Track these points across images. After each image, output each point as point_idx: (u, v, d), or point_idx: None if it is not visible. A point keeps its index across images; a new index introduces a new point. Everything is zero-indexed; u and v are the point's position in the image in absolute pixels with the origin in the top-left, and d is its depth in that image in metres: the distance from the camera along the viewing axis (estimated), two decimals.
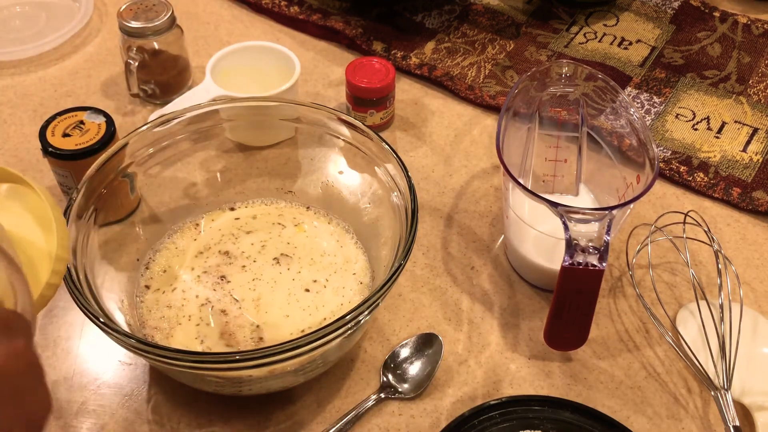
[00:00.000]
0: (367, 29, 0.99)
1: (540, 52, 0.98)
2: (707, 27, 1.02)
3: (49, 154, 0.73)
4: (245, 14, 1.04)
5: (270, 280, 0.68)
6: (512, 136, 0.72)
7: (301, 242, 0.71)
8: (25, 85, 0.92)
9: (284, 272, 0.69)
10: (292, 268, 0.69)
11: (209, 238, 0.72)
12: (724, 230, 0.79)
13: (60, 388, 0.65)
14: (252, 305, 0.66)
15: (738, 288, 0.72)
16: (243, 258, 0.70)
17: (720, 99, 0.92)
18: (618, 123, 0.72)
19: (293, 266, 0.69)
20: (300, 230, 0.72)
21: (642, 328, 0.71)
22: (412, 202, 0.63)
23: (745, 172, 0.83)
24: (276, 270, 0.69)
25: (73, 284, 0.57)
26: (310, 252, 0.70)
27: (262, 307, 0.66)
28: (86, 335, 0.69)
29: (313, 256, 0.70)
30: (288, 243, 0.71)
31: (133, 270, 0.68)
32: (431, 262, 0.75)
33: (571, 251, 0.59)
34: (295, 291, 0.67)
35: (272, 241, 0.71)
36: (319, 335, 0.54)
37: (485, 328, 0.70)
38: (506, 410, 0.62)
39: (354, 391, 0.65)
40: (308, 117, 0.71)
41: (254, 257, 0.70)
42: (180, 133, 0.70)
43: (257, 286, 0.67)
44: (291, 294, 0.67)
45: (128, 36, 0.85)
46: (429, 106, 0.91)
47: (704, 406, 0.65)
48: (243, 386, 0.61)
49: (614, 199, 0.71)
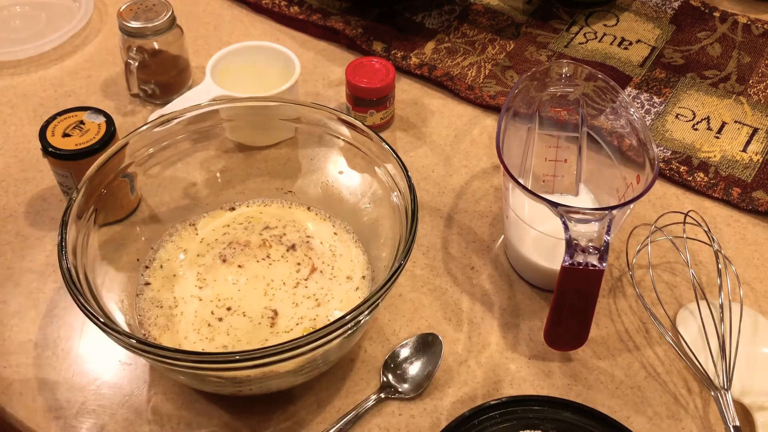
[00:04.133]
0: (367, 29, 0.99)
1: (540, 52, 0.98)
2: (707, 27, 1.02)
3: (49, 154, 0.73)
4: (245, 14, 1.04)
5: (270, 279, 0.68)
6: (512, 136, 0.72)
7: (301, 242, 0.71)
8: (25, 85, 0.92)
9: (284, 272, 0.69)
10: (292, 268, 0.69)
11: (209, 238, 0.72)
12: (724, 230, 0.79)
13: (60, 388, 0.65)
14: (252, 305, 0.66)
15: (738, 288, 0.72)
16: (243, 258, 0.70)
17: (720, 99, 0.92)
18: (618, 123, 0.72)
19: (293, 266, 0.69)
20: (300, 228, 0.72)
21: (642, 328, 0.71)
22: (412, 202, 0.62)
23: (745, 172, 0.83)
24: (276, 270, 0.69)
25: (73, 284, 0.57)
26: (311, 252, 0.70)
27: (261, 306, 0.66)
28: (86, 335, 0.69)
29: (313, 256, 0.70)
30: (288, 243, 0.71)
31: (133, 270, 0.68)
32: (431, 262, 0.75)
33: (571, 251, 0.59)
34: (295, 291, 0.67)
35: (272, 242, 0.71)
36: (319, 335, 0.54)
37: (485, 328, 0.70)
38: (506, 410, 0.62)
39: (354, 391, 0.65)
40: (308, 117, 0.71)
41: (254, 257, 0.70)
42: (180, 133, 0.70)
43: (257, 286, 0.67)
44: (291, 293, 0.67)
45: (128, 36, 0.85)
46: (429, 106, 0.91)
47: (704, 406, 0.65)
48: (243, 386, 0.61)
49: (614, 199, 0.71)
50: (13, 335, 0.69)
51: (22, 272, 0.73)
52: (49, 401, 0.64)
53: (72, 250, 0.59)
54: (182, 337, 0.64)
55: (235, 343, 0.64)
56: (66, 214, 0.60)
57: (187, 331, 0.64)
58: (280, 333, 0.64)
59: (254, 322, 0.65)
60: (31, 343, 0.68)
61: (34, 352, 0.67)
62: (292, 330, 0.65)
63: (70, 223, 0.60)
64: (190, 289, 0.67)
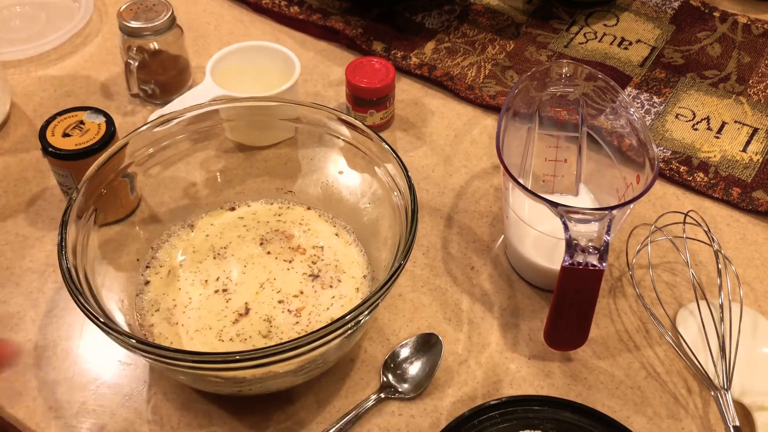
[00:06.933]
0: (367, 29, 0.99)
1: (540, 52, 0.98)
2: (707, 27, 1.02)
3: (49, 154, 0.73)
4: (245, 14, 1.04)
5: (270, 279, 0.68)
6: (512, 136, 0.72)
7: (301, 242, 0.71)
8: (25, 85, 0.92)
9: (284, 272, 0.69)
10: (292, 268, 0.69)
11: (209, 238, 0.72)
12: (724, 230, 0.79)
13: (60, 388, 0.65)
14: (252, 304, 0.66)
15: (738, 288, 0.72)
16: (243, 258, 0.70)
17: (720, 99, 0.92)
18: (618, 123, 0.72)
19: (293, 266, 0.69)
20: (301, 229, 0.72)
21: (642, 328, 0.71)
22: (412, 202, 0.62)
23: (745, 172, 0.83)
24: (275, 270, 0.69)
25: (73, 284, 0.57)
26: (311, 252, 0.70)
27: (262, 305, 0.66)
28: (86, 335, 0.69)
29: (313, 256, 0.70)
30: (288, 243, 0.71)
31: (133, 270, 0.68)
32: (431, 262, 0.75)
33: (571, 251, 0.59)
34: (296, 290, 0.67)
35: (272, 241, 0.71)
36: (319, 335, 0.54)
37: (485, 328, 0.70)
38: (506, 410, 0.62)
39: (354, 391, 0.65)
40: (308, 117, 0.71)
41: (254, 257, 0.70)
42: (180, 133, 0.70)
43: (257, 286, 0.67)
44: (291, 293, 0.67)
45: (128, 36, 0.85)
46: (429, 106, 0.91)
47: (704, 406, 0.65)
48: (243, 386, 0.61)
49: (614, 199, 0.71)
50: (13, 335, 0.69)
51: (22, 272, 0.73)
52: (49, 401, 0.64)
53: (72, 250, 0.59)
54: (182, 337, 0.64)
55: (236, 342, 0.64)
56: (66, 214, 0.60)
57: (188, 330, 0.64)
58: (280, 333, 0.64)
59: (254, 322, 0.65)
60: (31, 343, 0.68)
61: (34, 352, 0.67)
62: (292, 329, 0.65)
63: (70, 223, 0.60)
64: (190, 288, 0.67)
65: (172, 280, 0.68)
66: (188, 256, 0.70)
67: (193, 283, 0.68)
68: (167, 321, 0.65)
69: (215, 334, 0.64)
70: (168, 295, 0.67)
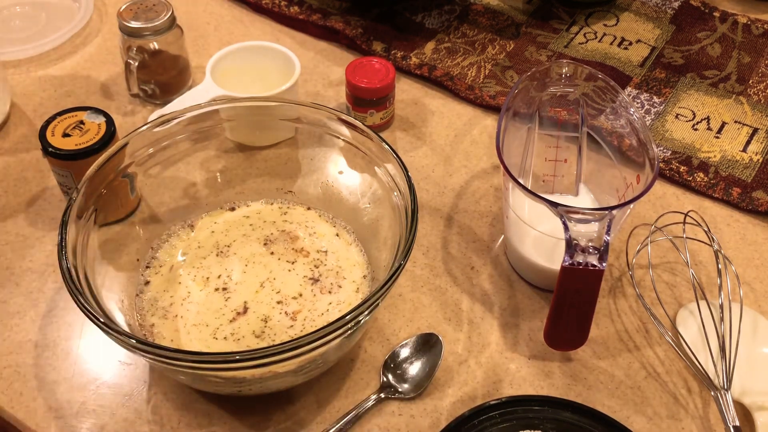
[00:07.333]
0: (367, 29, 0.99)
1: (540, 52, 0.98)
2: (707, 27, 1.02)
3: (49, 154, 0.73)
4: (245, 14, 1.04)
5: (270, 279, 0.68)
6: (512, 136, 0.72)
7: (305, 245, 0.71)
8: (25, 85, 0.92)
9: (285, 273, 0.69)
10: (292, 268, 0.69)
11: (209, 238, 0.72)
12: (724, 230, 0.79)
13: (60, 388, 0.65)
14: (252, 304, 0.66)
15: (738, 288, 0.72)
16: (243, 258, 0.70)
17: (720, 99, 0.92)
18: (618, 123, 0.72)
19: (293, 266, 0.69)
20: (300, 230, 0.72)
21: (642, 328, 0.71)
22: (412, 202, 0.62)
23: (745, 172, 0.83)
24: (276, 270, 0.69)
25: (73, 284, 0.57)
26: (311, 252, 0.70)
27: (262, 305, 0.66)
28: (86, 335, 0.69)
29: (313, 257, 0.70)
30: (293, 244, 0.71)
31: (133, 270, 0.68)
32: (431, 262, 0.75)
33: (571, 251, 0.59)
34: (295, 292, 0.67)
35: (272, 241, 0.71)
36: (319, 335, 0.54)
37: (485, 328, 0.70)
38: (506, 410, 0.62)
39: (354, 391, 0.65)
40: (308, 117, 0.71)
41: (257, 256, 0.70)
42: (180, 133, 0.70)
43: (257, 285, 0.67)
44: (290, 295, 0.67)
45: (128, 36, 0.85)
46: (429, 106, 0.91)
47: (704, 406, 0.65)
48: (243, 386, 0.61)
49: (614, 199, 0.71)
50: (13, 335, 0.69)
51: (22, 272, 0.73)
52: (49, 401, 0.64)
53: (72, 250, 0.59)
54: (182, 337, 0.64)
55: (229, 341, 0.64)
56: (66, 214, 0.60)
57: (188, 330, 0.64)
58: (272, 334, 0.64)
59: (251, 321, 0.65)
60: (31, 343, 0.68)
61: (34, 352, 0.67)
62: (286, 332, 0.65)
63: (70, 223, 0.60)
64: (190, 288, 0.67)
65: (172, 280, 0.68)
66: (188, 256, 0.70)
67: (194, 279, 0.68)
68: (167, 321, 0.65)
69: (211, 332, 0.64)
70: (168, 295, 0.67)
